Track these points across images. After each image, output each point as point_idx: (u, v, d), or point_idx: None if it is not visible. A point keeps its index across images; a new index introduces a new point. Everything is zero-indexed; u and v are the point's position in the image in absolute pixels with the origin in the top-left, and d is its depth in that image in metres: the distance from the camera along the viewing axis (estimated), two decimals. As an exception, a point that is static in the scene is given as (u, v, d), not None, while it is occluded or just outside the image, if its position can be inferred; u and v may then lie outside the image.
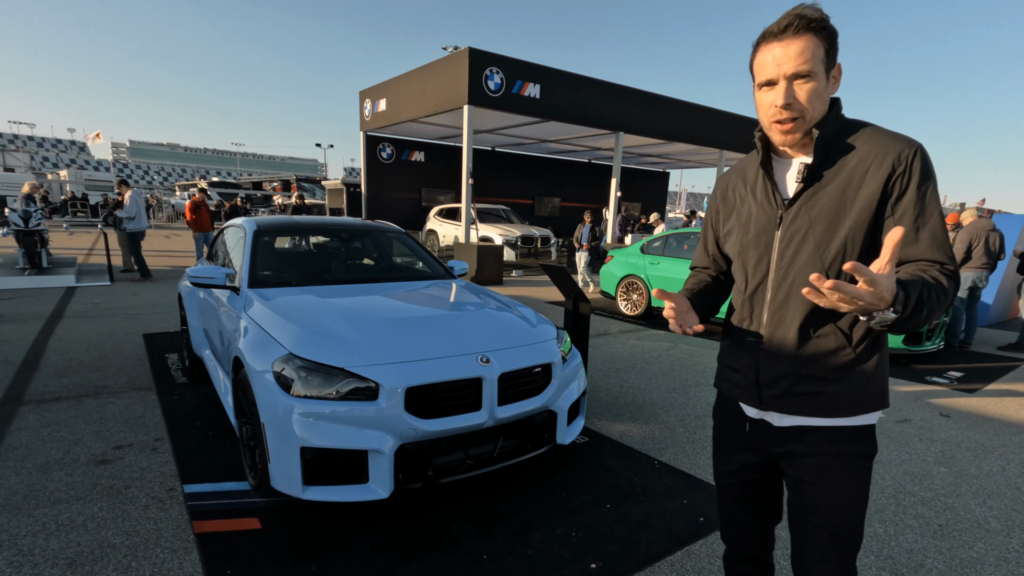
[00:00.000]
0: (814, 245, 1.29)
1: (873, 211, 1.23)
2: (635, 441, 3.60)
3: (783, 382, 1.34)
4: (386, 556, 2.34)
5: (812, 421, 1.33)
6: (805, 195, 1.30)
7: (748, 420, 1.45)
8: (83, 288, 8.78)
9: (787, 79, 1.22)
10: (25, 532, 2.42)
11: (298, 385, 2.44)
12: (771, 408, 1.37)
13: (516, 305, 3.48)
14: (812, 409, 1.32)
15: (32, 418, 3.66)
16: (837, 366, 1.29)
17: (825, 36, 1.21)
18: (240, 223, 4.07)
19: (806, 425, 1.34)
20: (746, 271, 1.44)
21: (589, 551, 2.41)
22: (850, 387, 1.29)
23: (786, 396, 1.34)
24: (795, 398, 1.33)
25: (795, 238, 1.31)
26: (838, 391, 1.30)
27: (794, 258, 1.32)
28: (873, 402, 1.32)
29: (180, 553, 2.32)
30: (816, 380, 1.31)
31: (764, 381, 1.37)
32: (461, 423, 2.55)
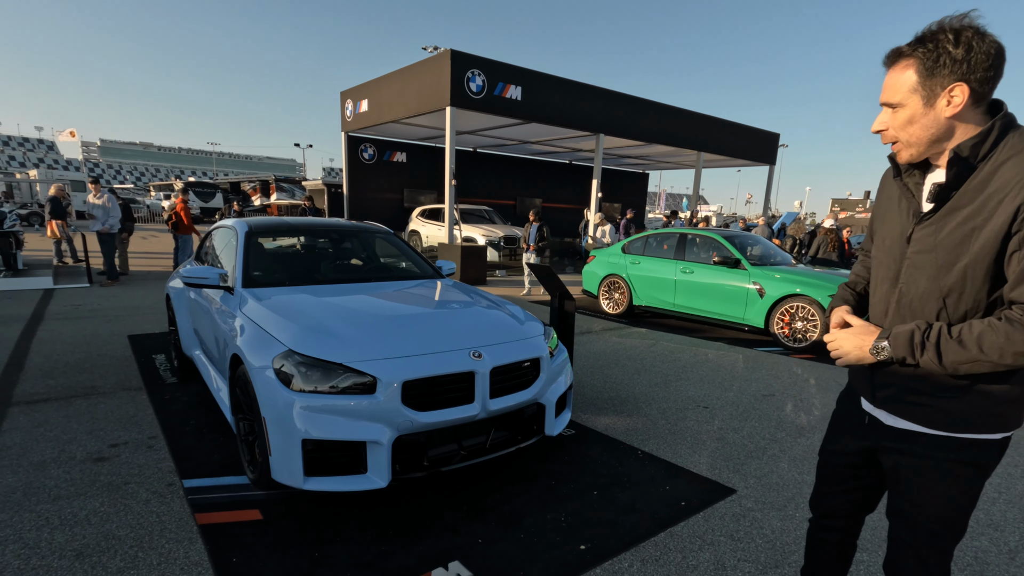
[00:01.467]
0: (935, 270, 1.27)
1: (998, 245, 1.18)
2: (619, 433, 3.75)
3: (893, 388, 1.39)
4: (385, 542, 2.45)
5: (919, 428, 1.36)
6: (938, 215, 1.28)
7: (867, 414, 1.51)
8: (61, 290, 8.68)
9: (883, 106, 1.31)
10: (29, 527, 2.48)
11: (298, 380, 2.54)
12: (882, 407, 1.43)
13: (504, 303, 3.60)
14: (920, 418, 1.35)
15: (23, 419, 3.67)
16: (948, 386, 1.29)
17: (923, 61, 1.20)
18: (231, 224, 4.13)
19: (914, 430, 1.37)
20: (877, 275, 1.48)
21: (578, 534, 2.55)
22: (963, 405, 1.29)
23: (896, 402, 1.39)
24: (904, 405, 1.37)
25: (919, 258, 1.31)
26: (948, 407, 1.30)
27: (913, 278, 1.33)
28: (993, 424, 1.29)
29: (185, 543, 2.40)
30: (925, 395, 1.32)
31: (877, 382, 1.43)
32: (455, 415, 2.67)
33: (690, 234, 7.80)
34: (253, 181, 32.99)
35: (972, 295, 1.23)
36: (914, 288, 1.32)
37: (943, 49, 1.17)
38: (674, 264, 7.60)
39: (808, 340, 6.23)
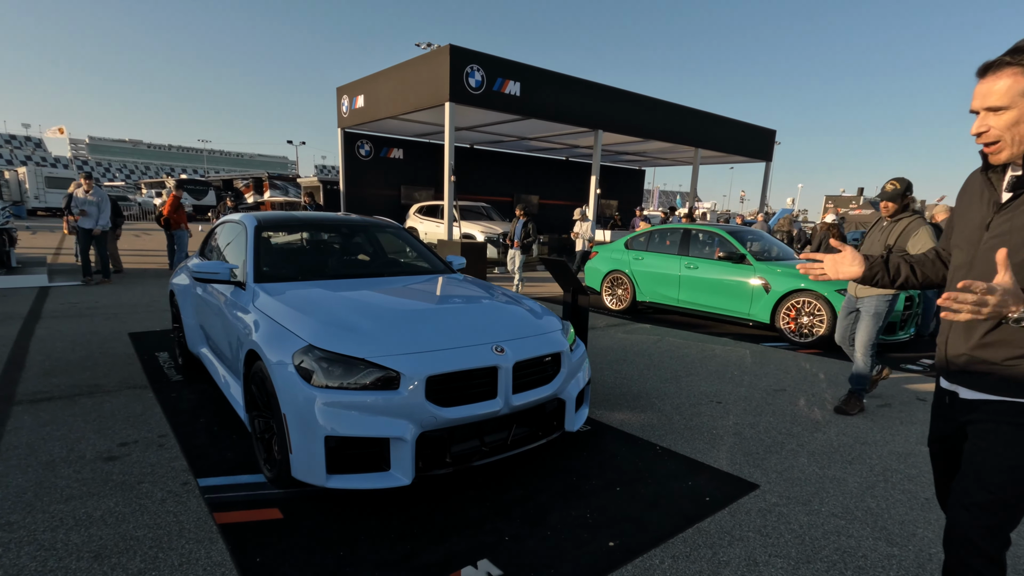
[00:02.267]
0: (1012, 250, 1.36)
1: None
2: (635, 429, 3.72)
3: (963, 359, 1.50)
4: (410, 540, 2.40)
5: (986, 396, 1.47)
6: (1016, 203, 1.41)
7: (947, 393, 1.61)
8: (57, 288, 8.55)
9: (983, 111, 1.40)
10: (43, 528, 2.41)
11: (319, 376, 2.48)
12: (956, 382, 1.54)
13: (521, 298, 3.56)
14: (987, 386, 1.46)
15: (27, 418, 3.59)
16: (1007, 351, 1.41)
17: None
18: (238, 219, 4.06)
19: (983, 399, 1.47)
20: (956, 262, 1.60)
21: (605, 531, 2.52)
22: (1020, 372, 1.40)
23: (965, 372, 1.50)
24: (970, 375, 1.49)
25: (995, 241, 1.43)
26: (1009, 372, 1.42)
27: (990, 260, 1.41)
28: None
29: (206, 543, 2.34)
30: (988, 362, 1.45)
31: (951, 357, 1.55)
32: (478, 411, 2.63)
33: (694, 229, 7.78)
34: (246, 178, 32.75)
35: None
36: (988, 269, 1.41)
37: None
38: (678, 260, 7.58)
39: (815, 335, 6.23)
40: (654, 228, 8.34)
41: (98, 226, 8.96)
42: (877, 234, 4.06)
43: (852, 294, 4.21)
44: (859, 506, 2.80)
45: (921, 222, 3.86)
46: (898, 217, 3.94)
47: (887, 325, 6.13)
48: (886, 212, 3.99)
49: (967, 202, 1.61)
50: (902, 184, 3.90)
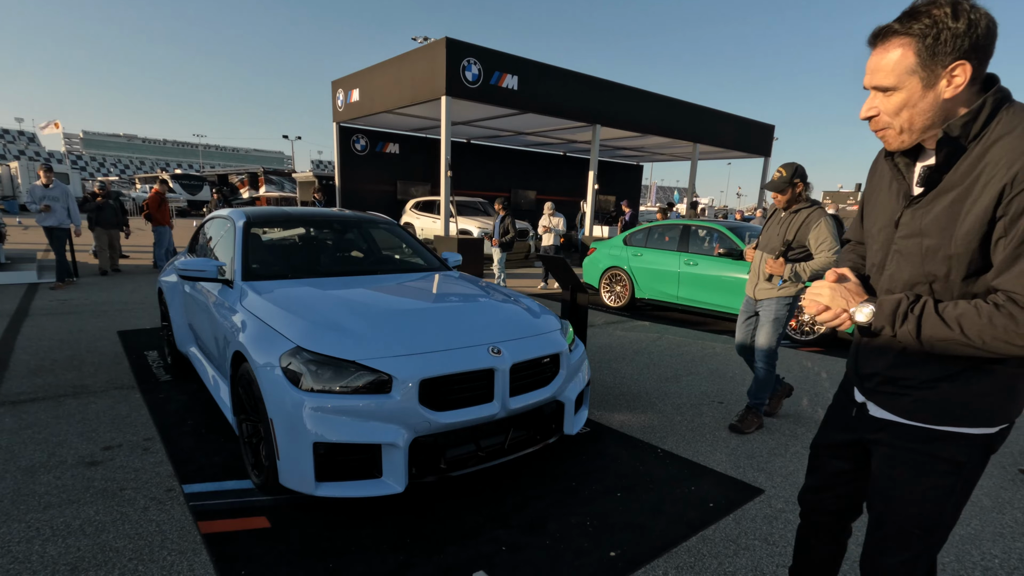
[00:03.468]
0: (920, 256, 1.21)
1: (983, 228, 1.10)
2: (636, 431, 3.63)
3: (875, 379, 1.34)
4: (404, 551, 2.30)
5: (896, 418, 1.31)
6: (927, 198, 1.20)
7: (856, 404, 1.45)
8: (46, 284, 8.40)
9: (871, 90, 1.18)
10: (18, 538, 2.30)
11: (308, 379, 2.38)
12: (869, 398, 1.39)
13: (518, 296, 3.46)
14: (897, 409, 1.31)
15: (9, 420, 3.48)
16: (923, 375, 1.24)
17: (920, 40, 1.09)
18: (226, 214, 3.94)
19: (892, 420, 1.33)
20: (872, 260, 1.40)
21: (606, 539, 2.42)
22: (936, 396, 1.24)
23: (878, 392, 1.35)
24: (883, 395, 1.33)
25: (906, 242, 1.25)
26: (922, 396, 1.25)
27: (901, 265, 1.27)
28: (976, 418, 1.22)
29: (189, 555, 2.24)
30: (898, 383, 1.29)
31: (861, 374, 1.39)
32: (474, 415, 2.52)
33: (693, 225, 7.68)
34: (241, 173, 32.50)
35: (957, 283, 1.17)
36: (899, 275, 1.26)
37: (942, 24, 1.06)
38: (677, 256, 7.48)
39: (816, 333, 6.14)
40: (653, 224, 8.23)
41: (71, 223, 8.11)
42: (775, 227, 3.57)
43: (751, 296, 3.71)
44: (868, 512, 2.71)
45: (821, 213, 3.40)
46: (795, 208, 3.47)
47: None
48: (778, 203, 3.53)
49: (875, 188, 1.40)
50: (788, 170, 3.41)
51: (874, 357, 1.34)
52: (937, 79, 1.10)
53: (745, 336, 3.80)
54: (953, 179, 1.14)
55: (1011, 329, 1.06)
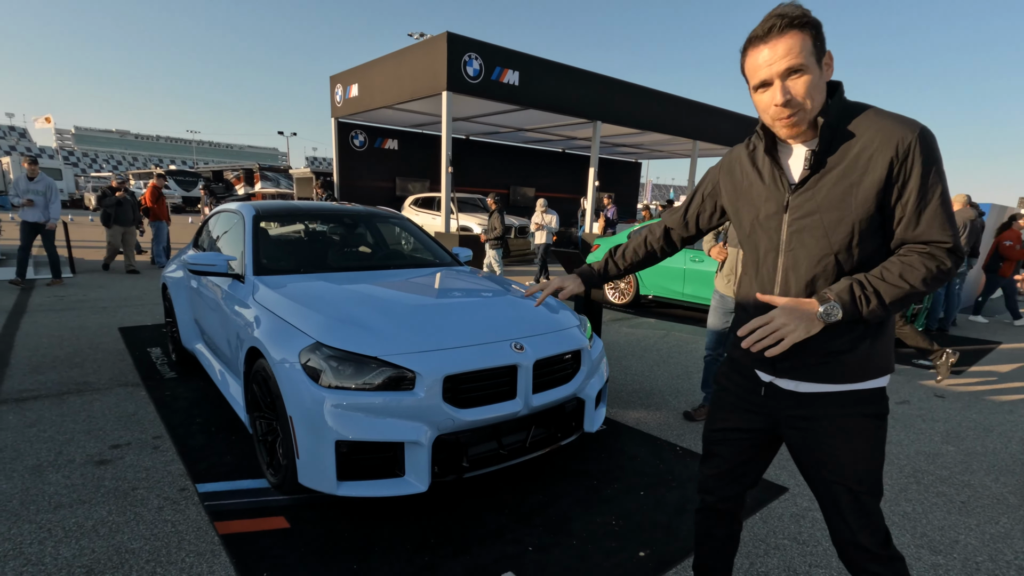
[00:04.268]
0: (822, 230, 1.32)
1: (878, 197, 1.26)
2: (652, 428, 3.58)
3: (800, 355, 1.37)
4: (428, 552, 2.24)
5: (824, 388, 1.38)
6: (811, 180, 1.33)
7: (763, 384, 1.48)
8: (43, 280, 8.28)
9: (780, 77, 1.26)
10: (30, 540, 2.23)
11: (328, 375, 2.31)
12: (784, 376, 1.41)
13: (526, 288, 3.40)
14: (824, 377, 1.36)
15: (12, 418, 3.40)
16: (845, 340, 1.33)
17: (809, 29, 1.23)
18: (235, 208, 3.86)
19: (819, 391, 1.38)
20: (757, 251, 1.48)
21: (633, 538, 2.37)
22: (859, 356, 1.34)
23: (798, 368, 1.38)
24: (806, 369, 1.37)
25: (803, 221, 1.35)
26: (848, 360, 1.34)
27: (802, 242, 1.36)
28: (883, 367, 1.37)
29: (207, 556, 2.17)
30: (825, 354, 1.35)
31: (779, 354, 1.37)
32: (498, 412, 2.47)
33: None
34: (236, 169, 32.25)
35: (859, 248, 1.30)
36: (803, 251, 1.36)
37: (814, 21, 1.24)
38: (683, 253, 7.42)
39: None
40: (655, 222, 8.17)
41: (50, 220, 7.89)
42: None
43: (730, 295, 3.58)
44: (895, 511, 2.67)
45: None
46: None
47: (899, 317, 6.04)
48: None
49: (740, 185, 1.51)
50: None
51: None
52: (821, 66, 1.26)
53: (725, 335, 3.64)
54: (833, 159, 1.29)
55: (941, 267, 1.24)
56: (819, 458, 1.40)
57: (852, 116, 1.29)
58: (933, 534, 2.49)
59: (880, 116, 1.27)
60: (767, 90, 1.29)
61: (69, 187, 30.19)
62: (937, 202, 1.24)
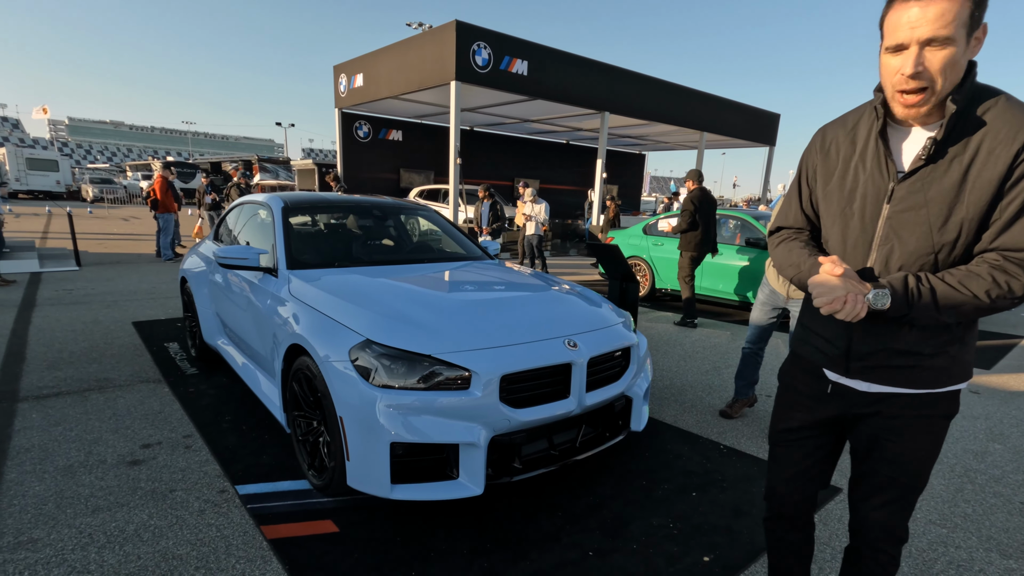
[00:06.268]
0: (928, 225, 1.21)
1: (993, 194, 1.15)
2: (692, 426, 3.51)
3: (878, 356, 1.31)
4: (486, 556, 2.16)
5: (900, 390, 1.32)
6: (924, 171, 1.20)
7: (830, 383, 1.43)
8: (49, 273, 8.14)
9: (919, 44, 1.11)
10: (72, 545, 2.14)
11: (381, 374, 2.22)
12: (858, 377, 1.35)
13: (574, 285, 3.31)
14: (902, 381, 1.31)
15: (36, 416, 3.30)
16: (936, 343, 1.27)
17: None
18: (262, 200, 3.74)
19: (893, 392, 1.33)
20: (845, 241, 1.36)
21: (695, 543, 2.30)
22: (945, 361, 1.28)
23: (877, 368, 1.32)
24: (886, 370, 1.31)
25: (907, 215, 1.23)
26: (932, 364, 1.28)
27: (902, 236, 1.24)
28: (963, 374, 1.32)
29: (258, 562, 2.09)
30: (913, 355, 1.28)
31: (856, 354, 1.34)
32: (552, 412, 2.38)
33: (717, 214, 7.54)
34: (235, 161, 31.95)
35: (963, 248, 1.21)
36: (900, 247, 1.25)
37: None
38: (700, 246, 7.33)
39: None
40: (673, 214, 8.09)
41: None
42: None
43: (782, 292, 3.39)
44: (955, 512, 2.61)
45: None
46: None
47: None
48: None
49: (833, 168, 1.37)
50: None
51: (880, 335, 1.30)
52: (970, 40, 1.11)
53: (767, 331, 3.56)
54: (954, 149, 1.16)
55: (1012, 284, 1.14)
56: (882, 453, 1.37)
57: (980, 102, 1.16)
58: (999, 536, 2.42)
59: (1013, 105, 1.15)
60: (900, 54, 1.14)
61: (66, 179, 29.86)
62: None
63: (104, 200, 28.24)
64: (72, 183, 31.32)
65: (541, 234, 10.28)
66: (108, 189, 28.76)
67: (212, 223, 11.90)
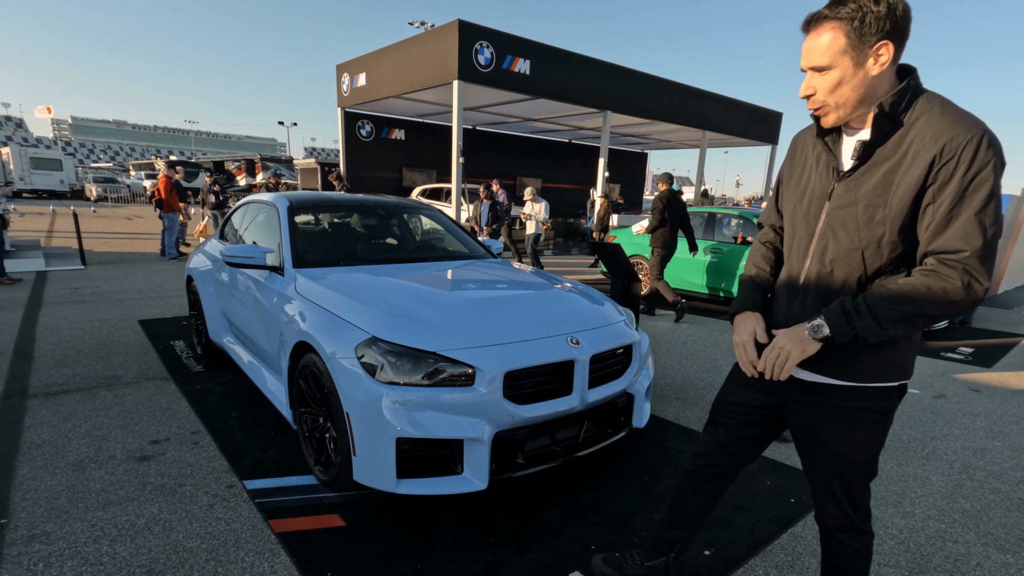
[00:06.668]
0: (855, 224, 1.32)
1: (915, 193, 1.23)
2: (693, 423, 3.54)
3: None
4: (491, 551, 2.20)
5: (835, 381, 1.40)
6: (858, 172, 1.31)
7: None
8: (55, 272, 8.19)
9: (809, 71, 1.30)
10: (84, 539, 2.18)
11: (387, 371, 2.26)
12: (800, 366, 1.43)
13: (576, 284, 3.35)
14: (837, 372, 1.38)
15: (45, 413, 3.34)
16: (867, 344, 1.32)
17: (848, 23, 1.22)
18: (268, 199, 3.79)
19: (830, 383, 1.40)
20: (793, 236, 1.49)
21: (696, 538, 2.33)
22: (876, 356, 1.34)
23: (812, 360, 1.39)
24: (820, 361, 1.38)
25: (839, 213, 1.34)
26: (864, 359, 1.35)
27: (836, 232, 1.35)
28: (896, 373, 1.37)
29: (267, 555, 2.13)
30: (842, 349, 1.35)
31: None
32: (555, 408, 2.42)
33: (719, 213, 7.57)
34: (237, 160, 32.02)
35: (889, 247, 1.29)
36: (835, 244, 1.36)
37: (866, 8, 1.20)
38: (701, 244, 7.37)
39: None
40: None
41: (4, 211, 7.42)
42: None
43: None
44: (953, 508, 2.64)
45: None
46: None
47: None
48: None
49: (795, 169, 1.52)
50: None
51: None
52: (865, 58, 1.23)
53: None
54: (884, 152, 1.27)
55: (947, 289, 1.20)
56: (818, 442, 1.45)
57: (917, 108, 1.25)
58: (997, 532, 2.45)
59: (944, 111, 1.22)
60: None
61: (70, 178, 29.97)
62: (971, 212, 1.17)
63: (108, 199, 28.35)
64: (76, 182, 31.43)
65: (540, 233, 10.27)
66: (111, 188, 28.88)
67: (216, 222, 11.97)
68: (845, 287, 1.35)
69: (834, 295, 1.36)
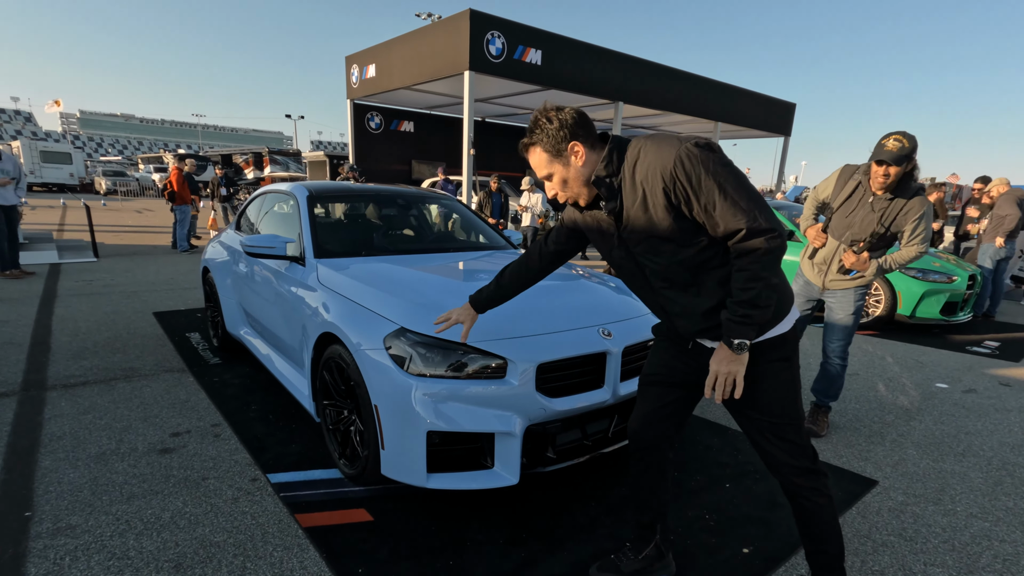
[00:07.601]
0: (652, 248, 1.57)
1: (671, 216, 1.48)
2: (721, 417, 3.47)
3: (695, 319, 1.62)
4: (522, 546, 2.15)
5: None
6: (623, 218, 1.58)
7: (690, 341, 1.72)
8: (68, 264, 8.20)
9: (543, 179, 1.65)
10: (109, 532, 2.15)
11: (416, 363, 2.20)
12: (703, 336, 1.65)
13: (601, 275, 3.27)
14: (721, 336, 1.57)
15: (65, 404, 3.32)
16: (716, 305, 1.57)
17: (540, 145, 1.58)
18: (286, 189, 3.73)
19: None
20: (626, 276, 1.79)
21: (732, 535, 2.27)
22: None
23: (712, 328, 1.60)
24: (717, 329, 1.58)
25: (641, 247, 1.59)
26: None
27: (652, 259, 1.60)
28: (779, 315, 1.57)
29: (295, 550, 2.08)
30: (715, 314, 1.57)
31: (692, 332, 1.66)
32: (587, 401, 2.36)
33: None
34: (245, 153, 32.01)
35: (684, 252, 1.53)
36: (655, 266, 1.61)
37: (547, 129, 1.55)
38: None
39: (871, 315, 5.97)
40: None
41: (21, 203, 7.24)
42: (862, 212, 2.94)
43: (817, 283, 3.22)
44: (996, 505, 2.56)
45: (924, 203, 2.83)
46: (893, 195, 2.84)
47: (946, 306, 5.88)
48: (878, 183, 2.80)
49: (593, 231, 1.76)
50: (910, 141, 2.70)
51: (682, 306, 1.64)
52: (568, 158, 1.57)
53: (801, 323, 3.26)
54: (626, 195, 1.54)
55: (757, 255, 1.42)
56: (742, 401, 1.63)
57: (630, 157, 1.52)
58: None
59: (646, 150, 1.48)
60: None
61: (79, 171, 30.07)
62: (719, 199, 1.41)
63: (117, 192, 28.46)
64: (85, 176, 31.55)
65: (537, 226, 10.08)
66: (121, 182, 28.98)
67: (225, 214, 11.95)
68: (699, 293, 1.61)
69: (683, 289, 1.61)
